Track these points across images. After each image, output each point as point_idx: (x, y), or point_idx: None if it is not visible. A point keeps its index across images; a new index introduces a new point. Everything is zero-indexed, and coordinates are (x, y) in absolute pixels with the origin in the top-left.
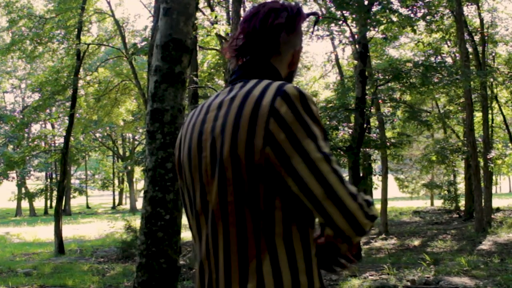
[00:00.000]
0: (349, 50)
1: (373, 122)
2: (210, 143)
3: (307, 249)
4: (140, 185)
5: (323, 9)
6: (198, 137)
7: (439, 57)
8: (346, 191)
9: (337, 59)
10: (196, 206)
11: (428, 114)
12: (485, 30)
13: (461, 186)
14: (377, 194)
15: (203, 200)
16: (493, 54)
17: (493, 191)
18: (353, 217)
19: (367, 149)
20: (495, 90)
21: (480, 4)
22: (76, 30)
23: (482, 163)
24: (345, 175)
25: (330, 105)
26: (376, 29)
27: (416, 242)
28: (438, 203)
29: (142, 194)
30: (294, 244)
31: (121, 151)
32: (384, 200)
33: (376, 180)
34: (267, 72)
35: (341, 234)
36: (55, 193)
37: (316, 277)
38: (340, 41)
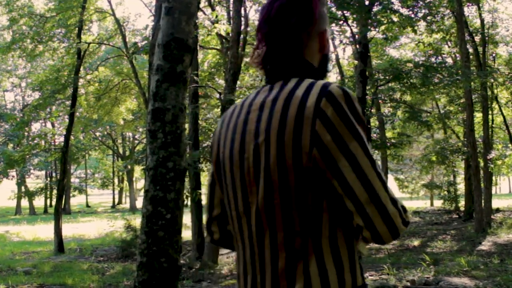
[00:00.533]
0: (349, 50)
1: (374, 122)
2: (254, 146)
3: (351, 249)
4: (140, 184)
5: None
6: (240, 138)
7: (439, 57)
8: (388, 196)
9: (337, 59)
10: (238, 207)
11: (428, 114)
12: (486, 31)
13: (461, 187)
14: None
15: (245, 201)
16: (494, 54)
17: (493, 191)
18: (392, 222)
19: None
20: (495, 91)
21: (480, 5)
22: (77, 29)
23: (482, 164)
24: None
25: None
26: (377, 29)
27: (416, 243)
28: (438, 203)
29: (142, 193)
30: (339, 244)
31: (121, 150)
32: None
33: None
34: (301, 69)
35: (378, 237)
36: (55, 191)
37: (359, 275)
38: (341, 41)
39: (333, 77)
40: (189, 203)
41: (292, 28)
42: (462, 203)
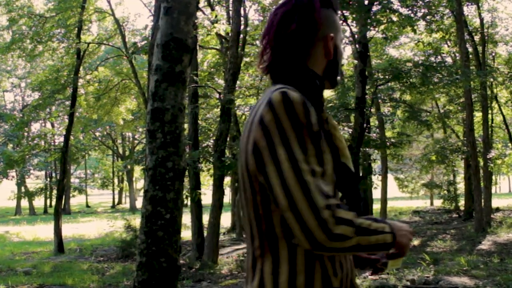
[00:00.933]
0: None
1: (373, 121)
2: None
3: (311, 252)
4: (139, 184)
5: None
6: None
7: (439, 57)
8: (308, 205)
9: None
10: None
11: (428, 114)
12: (485, 30)
13: (461, 186)
14: (377, 193)
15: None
16: (493, 54)
17: (493, 191)
18: (310, 233)
19: (367, 149)
20: (495, 90)
21: (480, 4)
22: (76, 29)
23: (482, 163)
24: None
25: (330, 104)
26: (376, 28)
27: (416, 242)
28: (438, 203)
29: (141, 193)
30: (297, 246)
31: (120, 150)
32: (384, 200)
33: (376, 179)
34: (298, 75)
35: (302, 245)
36: (54, 192)
37: (317, 278)
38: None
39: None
40: (189, 203)
41: (294, 34)
42: (462, 202)
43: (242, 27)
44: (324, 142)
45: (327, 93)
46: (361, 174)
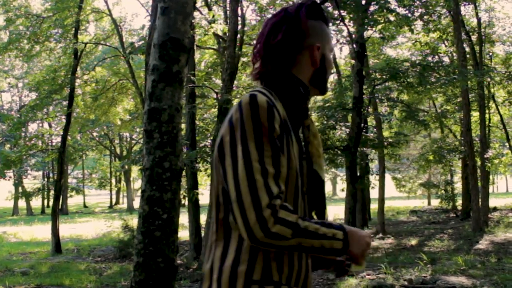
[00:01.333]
0: (346, 49)
1: (371, 121)
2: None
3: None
4: (137, 184)
5: None
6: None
7: (436, 56)
8: (252, 201)
9: (334, 58)
10: None
11: (425, 113)
12: (482, 30)
13: (458, 186)
14: (374, 193)
15: None
16: (490, 53)
17: (490, 190)
18: (249, 227)
19: (365, 149)
20: (492, 90)
21: (477, 4)
22: (74, 29)
23: (479, 163)
24: (343, 174)
25: (328, 104)
26: (374, 28)
27: (413, 242)
28: (435, 202)
29: (139, 193)
30: None
31: (118, 150)
32: (381, 200)
33: (373, 179)
34: (282, 83)
35: (242, 236)
36: (52, 192)
37: (257, 270)
38: (338, 41)
39: (330, 76)
40: (186, 203)
41: (280, 44)
42: (459, 202)
43: (239, 27)
44: (292, 147)
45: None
46: (358, 174)
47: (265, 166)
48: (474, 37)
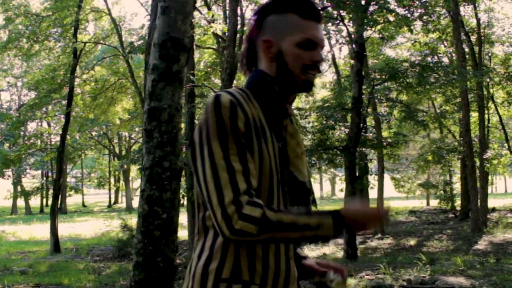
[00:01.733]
0: (345, 49)
1: (370, 121)
2: None
3: (226, 241)
4: (136, 183)
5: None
6: None
7: (435, 57)
8: (217, 199)
9: (333, 58)
10: None
11: (425, 114)
12: (482, 30)
13: (457, 186)
14: (373, 193)
15: None
16: (490, 54)
17: (489, 191)
18: (218, 224)
19: (364, 149)
20: (491, 90)
21: (476, 4)
22: (73, 28)
23: (478, 163)
24: (342, 174)
25: (327, 104)
26: (373, 28)
27: (412, 242)
28: (434, 203)
29: (138, 192)
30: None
31: (117, 150)
32: (380, 200)
33: (372, 179)
34: (252, 77)
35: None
36: (51, 191)
37: (227, 268)
38: (337, 41)
39: (329, 76)
40: (185, 202)
41: (248, 39)
42: (458, 202)
43: (239, 26)
44: (267, 145)
45: (324, 93)
46: (357, 174)
47: (230, 163)
48: (473, 38)
